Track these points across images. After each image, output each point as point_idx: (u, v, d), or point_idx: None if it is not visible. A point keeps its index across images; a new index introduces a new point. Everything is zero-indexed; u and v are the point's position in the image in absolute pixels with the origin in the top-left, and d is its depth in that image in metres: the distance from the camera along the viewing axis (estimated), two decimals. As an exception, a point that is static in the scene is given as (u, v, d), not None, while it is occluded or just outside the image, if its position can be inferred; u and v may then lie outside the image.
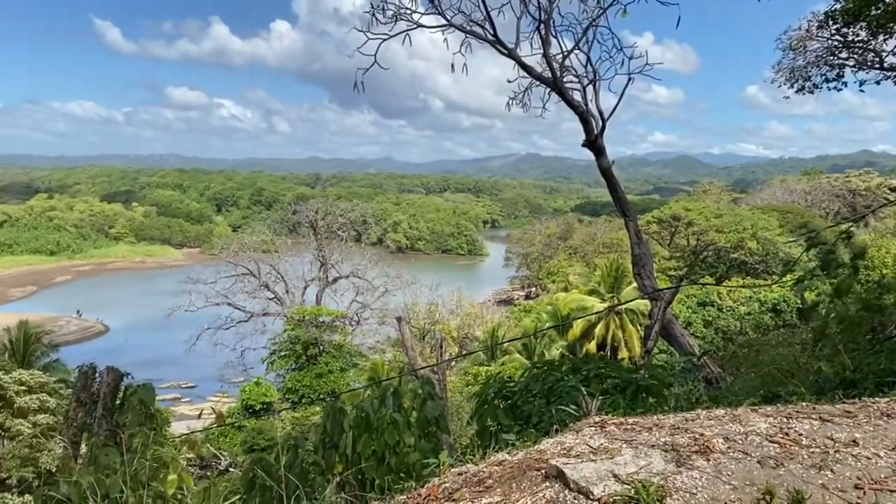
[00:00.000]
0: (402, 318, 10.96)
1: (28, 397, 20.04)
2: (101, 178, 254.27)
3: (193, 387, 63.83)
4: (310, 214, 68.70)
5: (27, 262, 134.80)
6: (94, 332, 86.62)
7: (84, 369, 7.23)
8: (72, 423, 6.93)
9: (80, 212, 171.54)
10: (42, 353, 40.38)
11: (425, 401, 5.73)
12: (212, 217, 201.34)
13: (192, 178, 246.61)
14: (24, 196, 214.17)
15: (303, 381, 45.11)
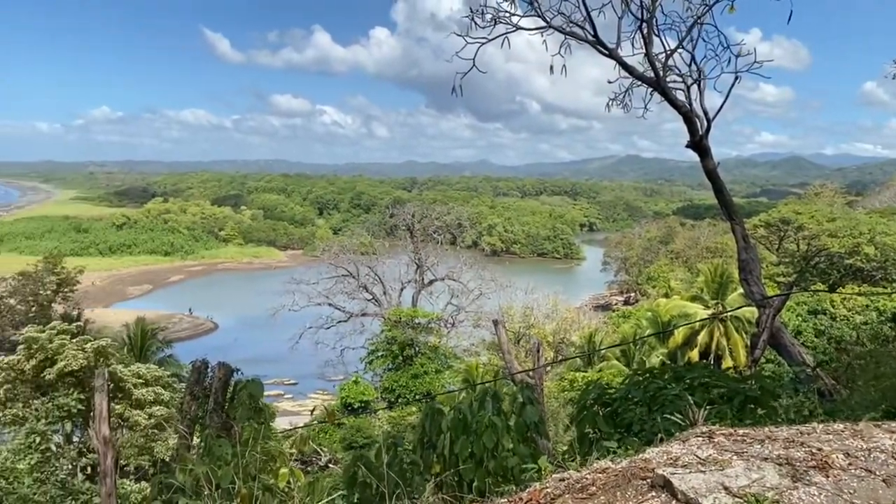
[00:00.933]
0: (499, 322, 10.92)
1: (145, 390, 21.26)
2: (211, 182, 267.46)
3: (295, 384, 66.06)
4: (406, 217, 69.79)
5: (144, 262, 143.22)
6: (204, 330, 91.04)
7: (197, 364, 7.61)
8: (185, 415, 7.30)
9: (193, 215, 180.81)
10: (157, 348, 42.85)
11: (525, 405, 5.69)
12: (314, 220, 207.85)
13: (296, 183, 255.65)
14: (142, 199, 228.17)
15: (399, 381, 45.83)
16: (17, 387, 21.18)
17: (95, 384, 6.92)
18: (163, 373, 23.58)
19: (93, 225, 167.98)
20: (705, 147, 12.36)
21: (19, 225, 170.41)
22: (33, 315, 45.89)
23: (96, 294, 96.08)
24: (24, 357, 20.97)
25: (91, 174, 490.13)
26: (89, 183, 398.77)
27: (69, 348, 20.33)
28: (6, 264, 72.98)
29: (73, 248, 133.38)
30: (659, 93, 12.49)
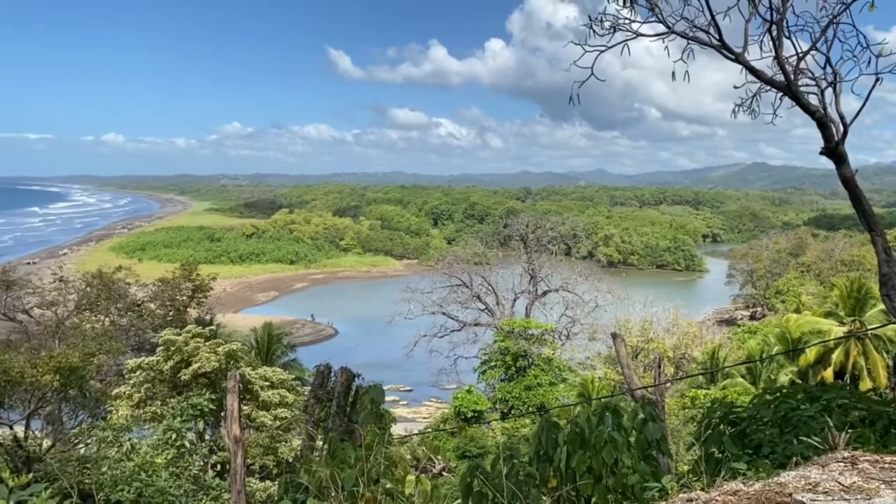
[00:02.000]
0: (618, 335, 10.66)
1: (270, 392, 22.25)
2: (333, 194, 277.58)
3: (410, 390, 67.20)
4: (520, 228, 69.58)
5: (271, 270, 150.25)
6: (325, 335, 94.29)
7: (321, 369, 7.91)
8: (310, 417, 7.59)
9: (316, 225, 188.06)
10: (282, 352, 44.74)
11: (646, 421, 5.53)
12: (429, 230, 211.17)
13: (412, 194, 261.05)
14: (270, 211, 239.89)
15: (512, 392, 45.61)
16: (157, 386, 22.73)
17: (227, 385, 7.32)
18: (287, 376, 24.59)
19: (224, 235, 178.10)
20: (842, 154, 11.58)
21: (159, 234, 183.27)
22: (171, 319, 49.04)
23: (227, 300, 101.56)
24: (163, 358, 22.47)
25: (223, 187, 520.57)
26: (221, 195, 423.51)
27: (203, 351, 21.61)
28: (148, 271, 78.64)
29: (206, 257, 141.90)
30: (790, 97, 11.83)
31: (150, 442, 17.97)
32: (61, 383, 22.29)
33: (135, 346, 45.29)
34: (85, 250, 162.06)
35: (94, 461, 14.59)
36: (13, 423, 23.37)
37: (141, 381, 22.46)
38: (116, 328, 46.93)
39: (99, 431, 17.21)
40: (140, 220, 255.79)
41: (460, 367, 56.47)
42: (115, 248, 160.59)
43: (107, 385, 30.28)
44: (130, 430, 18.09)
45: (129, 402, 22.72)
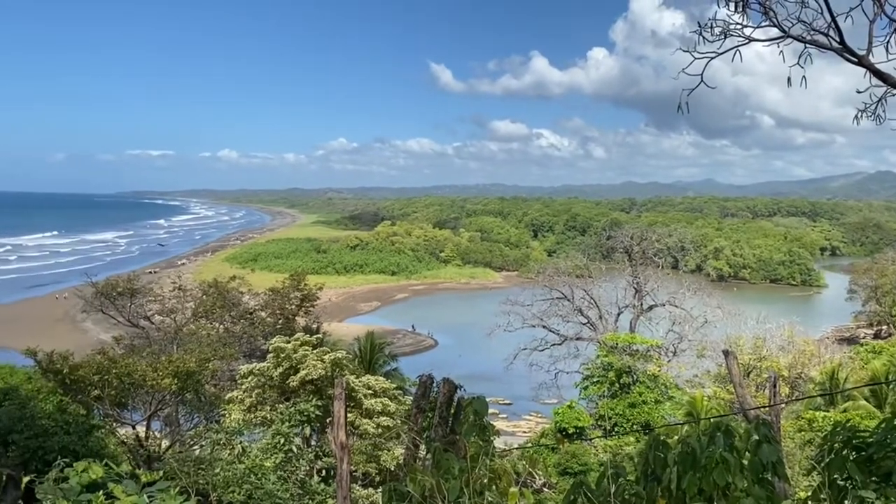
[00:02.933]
0: (730, 353, 10.22)
1: (373, 400, 22.68)
2: (433, 206, 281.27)
3: (510, 404, 66.81)
4: (624, 240, 68.05)
5: (374, 281, 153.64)
6: (425, 346, 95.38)
7: (423, 379, 7.99)
8: (412, 427, 7.68)
9: (417, 237, 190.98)
10: (384, 361, 45.56)
11: (761, 443, 5.25)
12: (529, 242, 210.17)
13: (512, 206, 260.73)
14: (373, 223, 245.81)
15: (615, 408, 44.53)
16: (267, 391, 23.63)
17: (334, 392, 7.51)
18: (389, 385, 24.99)
19: (330, 246, 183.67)
20: (982, 160, 10.70)
21: (270, 246, 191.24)
22: (280, 327, 50.86)
23: (332, 309, 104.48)
24: (273, 365, 23.34)
25: (329, 200, 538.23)
26: (328, 208, 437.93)
27: (310, 358, 22.31)
28: (259, 280, 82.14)
29: (313, 267, 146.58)
30: (920, 101, 11.05)
31: (260, 445, 18.65)
32: (179, 387, 23.55)
33: (246, 353, 47.27)
34: (201, 261, 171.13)
35: (208, 462, 15.30)
36: (136, 423, 24.88)
37: (252, 386, 23.41)
38: (230, 335, 49.11)
39: (213, 434, 18.03)
40: (252, 232, 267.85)
41: (561, 381, 55.64)
42: (229, 258, 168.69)
43: (220, 389, 31.75)
44: (242, 434, 18.87)
45: (241, 406, 23.72)
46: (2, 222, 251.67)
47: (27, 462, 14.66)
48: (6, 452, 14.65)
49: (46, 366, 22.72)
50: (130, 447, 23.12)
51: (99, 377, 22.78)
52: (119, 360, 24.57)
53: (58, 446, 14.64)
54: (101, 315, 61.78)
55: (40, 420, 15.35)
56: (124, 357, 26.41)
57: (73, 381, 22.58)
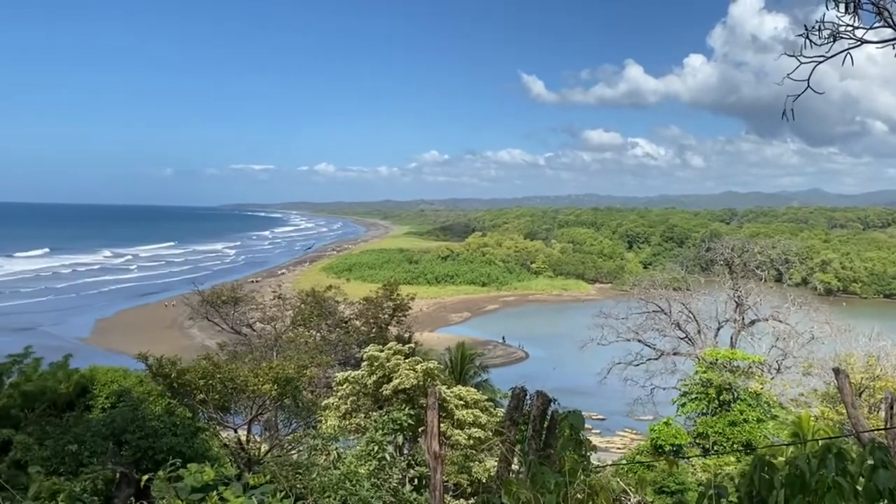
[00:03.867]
0: (841, 371, 9.67)
1: (465, 411, 22.74)
2: (524, 217, 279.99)
3: (603, 419, 65.47)
4: (724, 251, 65.59)
5: (464, 292, 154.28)
6: (516, 358, 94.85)
7: (517, 391, 7.96)
8: (505, 439, 7.66)
9: (507, 248, 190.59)
10: (474, 372, 45.64)
11: (876, 468, 4.94)
12: (623, 254, 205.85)
13: (605, 216, 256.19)
14: (464, 234, 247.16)
15: (715, 427, 42.83)
16: (361, 399, 24.09)
17: (428, 402, 7.59)
18: (481, 396, 24.99)
19: (422, 257, 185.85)
20: None
21: (364, 256, 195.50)
22: (373, 336, 51.85)
23: (424, 319, 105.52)
24: (367, 373, 23.80)
25: (421, 211, 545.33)
26: (419, 219, 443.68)
27: (403, 368, 22.62)
28: (354, 290, 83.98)
29: (405, 277, 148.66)
30: None
31: (355, 452, 19.02)
32: (278, 393, 24.33)
33: (341, 361, 48.40)
34: (300, 270, 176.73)
35: (306, 467, 15.71)
36: (238, 426, 25.88)
37: (347, 393, 23.94)
38: (326, 343, 50.44)
39: (310, 440, 18.53)
40: (347, 243, 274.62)
41: (657, 397, 54.03)
42: (326, 268, 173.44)
43: (317, 396, 32.61)
44: (337, 440, 19.29)
45: (337, 413, 24.28)
46: (122, 233, 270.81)
47: (139, 461, 15.49)
48: (120, 451, 15.52)
49: (156, 370, 23.98)
50: (232, 450, 24.05)
51: (204, 382, 23.85)
52: (223, 365, 25.66)
53: (166, 447, 15.41)
54: (206, 322, 64.87)
55: (150, 421, 16.19)
56: (227, 363, 27.56)
57: (180, 385, 23.73)
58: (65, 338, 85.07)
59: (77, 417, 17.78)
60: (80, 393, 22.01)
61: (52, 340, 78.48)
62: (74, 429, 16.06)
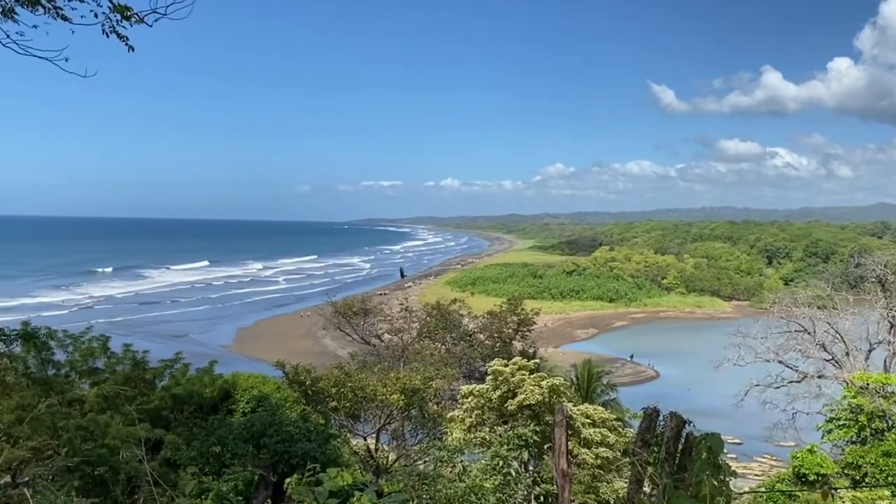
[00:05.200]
0: None
1: (592, 430, 22.26)
2: (655, 231, 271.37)
3: (739, 443, 62.08)
4: (876, 268, 60.55)
5: (591, 307, 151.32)
6: (645, 377, 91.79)
7: (648, 411, 7.69)
8: (637, 460, 7.41)
9: (637, 263, 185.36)
10: (601, 390, 44.63)
11: None
12: (762, 269, 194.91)
13: (743, 230, 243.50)
14: (590, 248, 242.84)
15: (866, 456, 39.38)
16: (485, 413, 24.14)
17: (555, 419, 7.48)
18: (609, 415, 24.40)
19: (546, 271, 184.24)
20: None
21: (488, 270, 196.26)
22: (497, 350, 51.91)
23: (548, 335, 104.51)
24: (492, 387, 23.83)
25: (546, 225, 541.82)
26: (544, 233, 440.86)
27: (528, 383, 22.47)
28: (478, 304, 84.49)
29: (529, 292, 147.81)
30: None
31: (479, 466, 19.06)
32: (405, 403, 24.87)
33: (466, 374, 48.78)
34: (425, 283, 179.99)
35: (432, 478, 15.90)
36: (367, 435, 26.63)
37: (472, 406, 24.05)
38: (451, 355, 51.04)
39: (436, 451, 18.75)
40: (471, 257, 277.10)
41: (799, 422, 50.47)
42: (451, 282, 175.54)
43: (442, 408, 33.02)
44: (462, 453, 19.40)
45: (462, 425, 24.44)
46: (271, 248, 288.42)
47: (275, 464, 16.24)
48: (259, 454, 16.34)
49: (292, 377, 25.18)
50: (362, 457, 24.77)
51: (336, 390, 24.78)
52: (353, 374, 26.57)
53: (301, 452, 16.05)
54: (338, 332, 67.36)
55: (287, 427, 16.93)
56: (357, 372, 28.51)
57: (313, 393, 24.77)
58: (210, 345, 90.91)
59: (220, 420, 18.89)
60: (223, 397, 23.43)
61: (199, 347, 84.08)
62: (218, 431, 17.07)
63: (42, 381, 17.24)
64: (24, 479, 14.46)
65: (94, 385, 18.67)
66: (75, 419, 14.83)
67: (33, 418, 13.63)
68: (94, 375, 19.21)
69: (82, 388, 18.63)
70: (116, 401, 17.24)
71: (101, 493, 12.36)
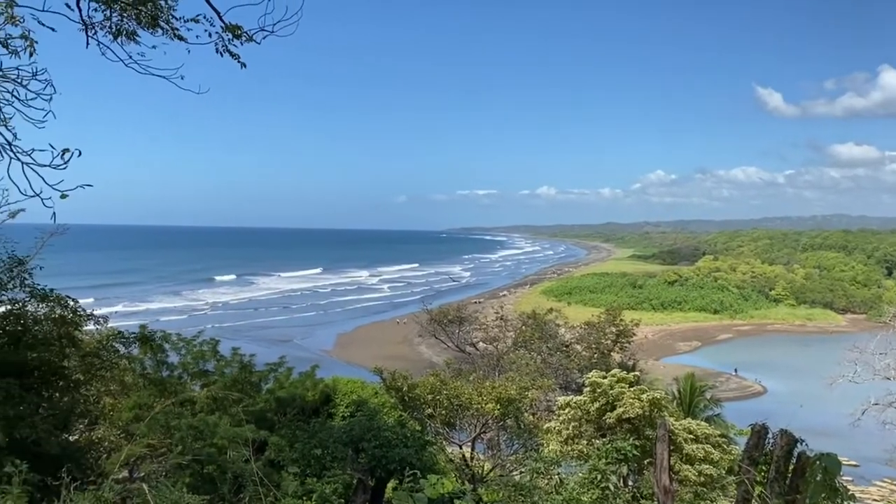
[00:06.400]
0: None
1: (695, 446, 21.47)
2: (762, 240, 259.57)
3: (856, 466, 58.34)
4: None
5: (693, 319, 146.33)
6: (751, 392, 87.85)
7: (757, 428, 7.36)
8: (743, 479, 7.10)
9: (742, 273, 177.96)
10: (705, 405, 43.01)
11: None
12: (881, 281, 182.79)
13: (858, 239, 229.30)
14: (693, 258, 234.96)
15: None
16: (583, 425, 23.71)
17: (657, 434, 7.28)
18: (713, 431, 23.50)
19: (646, 281, 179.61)
20: None
21: (585, 279, 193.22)
22: (595, 361, 50.99)
23: (648, 347, 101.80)
24: (589, 399, 23.40)
25: (646, 234, 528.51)
26: (644, 242, 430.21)
27: (627, 396, 21.94)
28: (575, 313, 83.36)
29: (628, 303, 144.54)
30: None
31: (577, 479, 18.74)
32: (501, 412, 24.82)
33: (562, 385, 48.14)
34: (520, 292, 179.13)
35: (528, 490, 15.78)
36: (462, 443, 26.73)
37: (569, 418, 23.68)
38: (546, 366, 50.51)
39: (532, 462, 18.59)
40: (568, 266, 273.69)
41: (926, 445, 47.00)
42: (546, 291, 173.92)
43: (538, 419, 32.71)
44: (559, 465, 19.14)
45: (558, 437, 24.11)
46: (372, 256, 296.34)
47: (373, 469, 16.55)
48: (357, 458, 16.70)
49: (389, 383, 25.61)
50: (457, 465, 24.87)
51: (432, 397, 25.02)
52: (449, 382, 26.75)
53: (398, 457, 16.30)
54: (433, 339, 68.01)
55: (384, 432, 17.23)
56: (453, 380, 28.67)
57: (410, 399, 25.10)
58: (311, 349, 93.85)
59: (321, 424, 19.44)
60: (324, 401, 24.11)
61: (301, 352, 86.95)
62: (319, 434, 17.56)
63: (157, 382, 18.28)
64: (139, 474, 15.36)
65: (204, 386, 19.62)
66: (187, 419, 15.62)
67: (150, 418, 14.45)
68: (204, 377, 20.18)
69: (193, 389, 19.60)
70: (224, 402, 18.03)
71: (209, 490, 12.94)
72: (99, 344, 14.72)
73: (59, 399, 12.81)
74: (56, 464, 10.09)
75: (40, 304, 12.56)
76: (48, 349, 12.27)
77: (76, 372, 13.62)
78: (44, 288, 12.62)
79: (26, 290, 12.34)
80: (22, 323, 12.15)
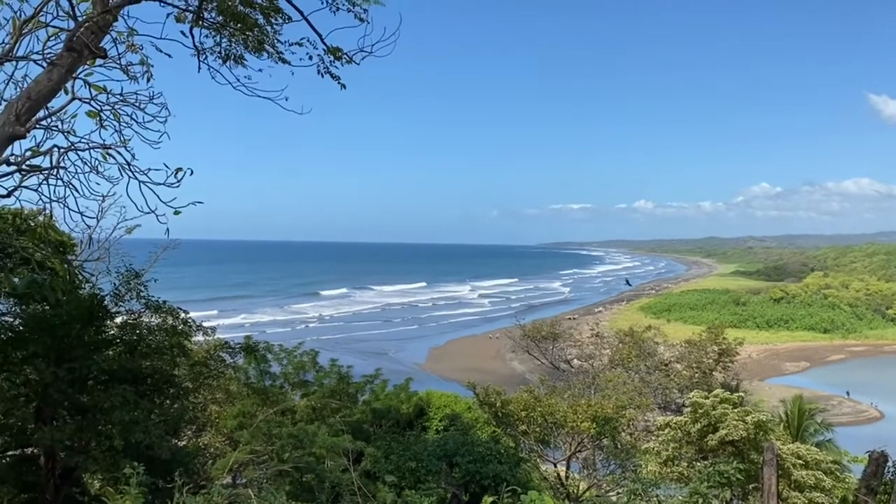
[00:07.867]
0: None
1: (804, 472, 20.34)
2: (878, 255, 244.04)
3: None
4: None
5: (800, 338, 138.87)
6: (866, 417, 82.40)
7: (874, 455, 6.93)
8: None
9: (856, 290, 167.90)
10: (815, 430, 40.59)
11: None
12: None
13: None
14: (800, 274, 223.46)
15: None
16: (683, 446, 22.92)
17: (764, 457, 6.95)
18: (824, 457, 22.19)
19: (750, 298, 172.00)
20: None
21: (685, 296, 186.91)
22: (696, 381, 49.23)
23: (752, 367, 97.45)
24: (690, 420, 22.60)
25: (749, 249, 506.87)
26: (747, 257, 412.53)
27: (730, 417, 21.04)
28: (674, 331, 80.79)
29: (731, 320, 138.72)
30: None
31: (676, 502, 18.11)
32: (597, 431, 24.28)
33: (661, 405, 46.71)
34: (617, 309, 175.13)
35: (625, 511, 15.32)
36: (557, 461, 26.31)
37: (668, 439, 22.94)
38: (644, 385, 49.15)
39: (630, 483, 18.07)
40: (667, 282, 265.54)
41: None
42: (644, 308, 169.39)
43: (636, 439, 31.82)
44: (658, 487, 18.52)
45: (657, 458, 23.40)
46: (470, 270, 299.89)
47: (467, 484, 16.53)
48: (451, 472, 16.73)
49: (483, 398, 25.55)
50: (552, 483, 24.49)
51: (525, 413, 24.79)
52: (543, 399, 26.43)
53: (492, 473, 16.22)
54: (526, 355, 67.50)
55: (478, 447, 17.20)
56: (547, 397, 28.31)
57: (503, 415, 24.96)
58: (405, 363, 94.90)
59: (416, 437, 19.62)
60: (418, 414, 24.30)
61: (395, 364, 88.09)
62: (414, 447, 17.72)
63: (260, 391, 18.96)
64: (242, 480, 15.94)
65: (304, 396, 20.20)
66: (287, 427, 16.10)
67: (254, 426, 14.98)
68: (304, 387, 20.78)
69: (294, 398, 20.21)
70: (323, 412, 18.49)
71: (308, 498, 13.27)
72: (207, 354, 15.42)
73: (169, 406, 13.47)
74: (167, 467, 10.62)
75: (154, 314, 13.25)
76: (161, 358, 12.93)
77: (186, 380, 14.31)
78: (157, 299, 13.33)
79: (142, 301, 13.06)
80: (137, 332, 12.86)
